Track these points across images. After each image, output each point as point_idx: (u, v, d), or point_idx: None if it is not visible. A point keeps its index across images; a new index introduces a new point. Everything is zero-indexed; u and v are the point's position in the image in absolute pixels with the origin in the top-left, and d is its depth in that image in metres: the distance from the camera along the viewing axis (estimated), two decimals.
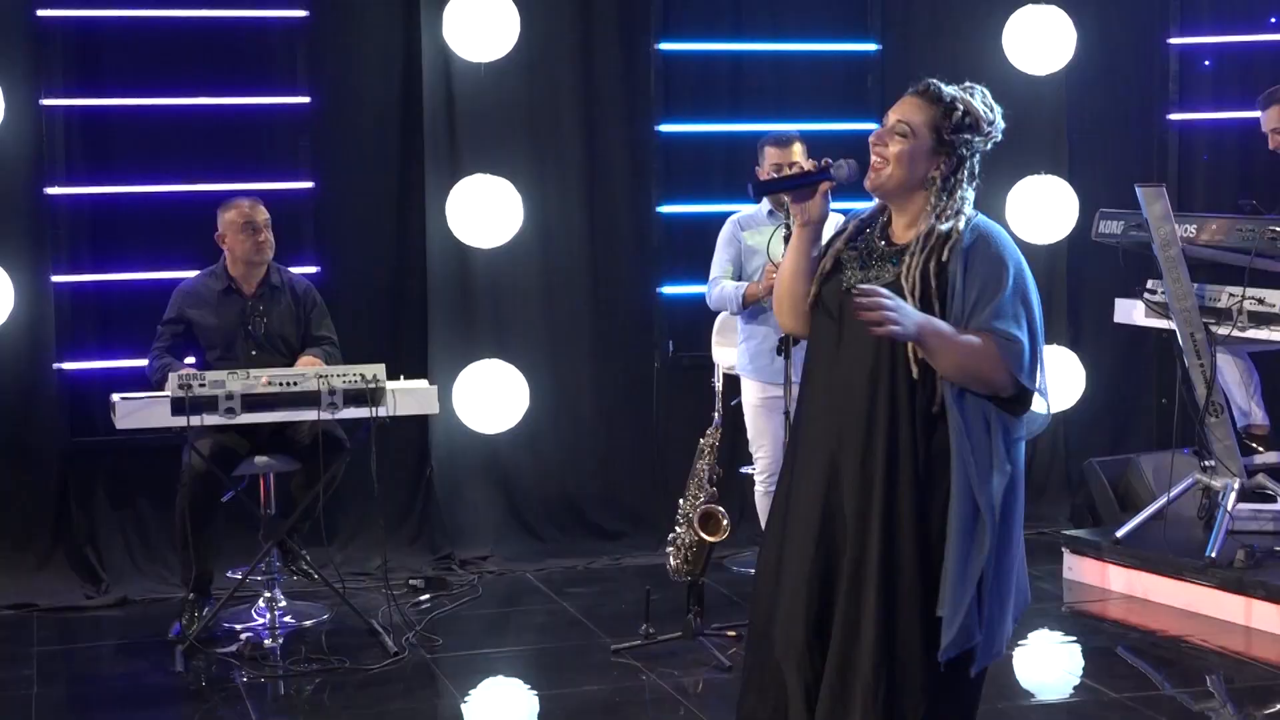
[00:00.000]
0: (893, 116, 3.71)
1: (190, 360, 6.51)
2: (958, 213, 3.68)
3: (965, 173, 3.74)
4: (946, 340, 3.57)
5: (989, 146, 3.78)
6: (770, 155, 6.44)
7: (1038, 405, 3.71)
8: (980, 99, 3.74)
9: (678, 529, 6.16)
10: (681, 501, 6.23)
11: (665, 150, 7.94)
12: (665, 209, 7.92)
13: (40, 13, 7.18)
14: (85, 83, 7.32)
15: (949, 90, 3.71)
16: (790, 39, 8.00)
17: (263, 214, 6.66)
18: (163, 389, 6.24)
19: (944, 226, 3.66)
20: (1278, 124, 6.94)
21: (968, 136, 3.71)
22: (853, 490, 3.65)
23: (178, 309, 6.66)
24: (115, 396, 6.22)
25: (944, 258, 3.63)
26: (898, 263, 3.67)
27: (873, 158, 3.71)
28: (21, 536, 7.25)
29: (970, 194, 3.74)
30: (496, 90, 7.62)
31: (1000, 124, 3.76)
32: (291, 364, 6.53)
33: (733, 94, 8.04)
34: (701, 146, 7.99)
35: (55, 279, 7.25)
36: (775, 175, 5.98)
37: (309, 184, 7.52)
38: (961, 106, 3.70)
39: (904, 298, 3.58)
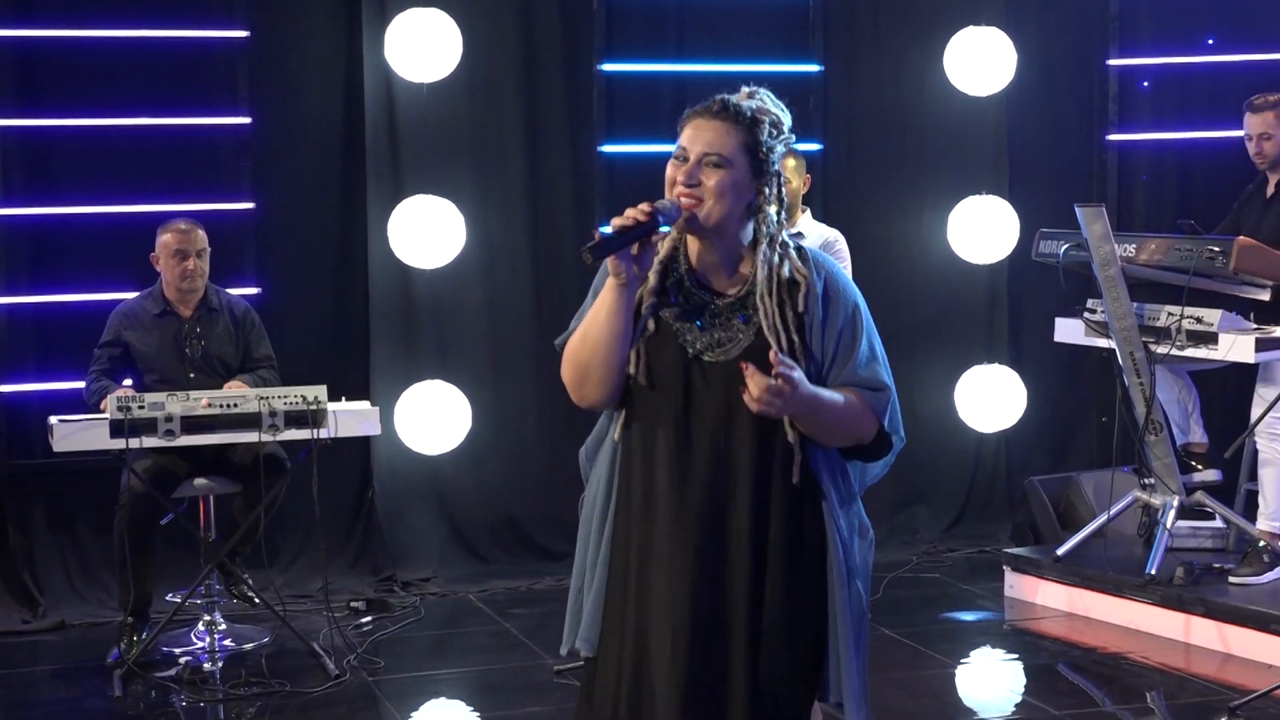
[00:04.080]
0: (695, 147, 3.30)
1: (128, 382, 6.45)
2: (773, 237, 3.30)
3: (780, 189, 3.34)
4: (823, 406, 3.21)
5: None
6: None
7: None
8: (771, 101, 3.36)
9: None
10: None
11: (608, 171, 7.93)
12: (608, 230, 7.89)
13: None
14: (24, 102, 7.25)
15: (746, 104, 3.31)
16: (733, 59, 7.98)
17: (198, 241, 6.56)
18: (98, 412, 6.20)
19: (786, 270, 3.29)
20: (1263, 129, 6.90)
21: (780, 149, 3.33)
22: (732, 565, 3.26)
23: (114, 331, 6.60)
24: (53, 419, 6.16)
25: (800, 308, 3.28)
26: (746, 318, 3.29)
27: (682, 197, 3.28)
28: None
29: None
30: (439, 111, 7.60)
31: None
32: None
33: (676, 115, 7.90)
34: (644, 168, 7.96)
35: None
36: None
37: (250, 205, 7.47)
38: (766, 119, 3.30)
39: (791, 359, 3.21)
